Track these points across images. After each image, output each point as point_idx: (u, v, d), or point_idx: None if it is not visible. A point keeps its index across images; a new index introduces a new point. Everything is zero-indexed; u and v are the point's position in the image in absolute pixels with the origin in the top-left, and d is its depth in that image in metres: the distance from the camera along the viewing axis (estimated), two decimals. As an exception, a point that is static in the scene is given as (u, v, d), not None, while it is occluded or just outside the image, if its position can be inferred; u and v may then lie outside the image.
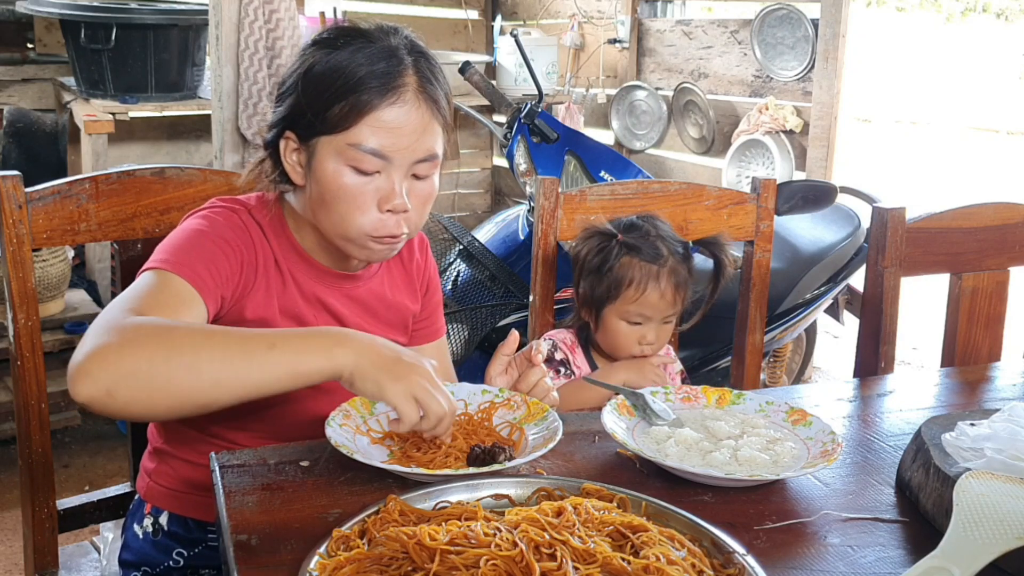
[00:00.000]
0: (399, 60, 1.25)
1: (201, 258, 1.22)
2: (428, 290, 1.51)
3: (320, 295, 1.35)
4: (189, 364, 1.03)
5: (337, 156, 1.24)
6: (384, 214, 1.26)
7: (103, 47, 3.20)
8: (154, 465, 1.43)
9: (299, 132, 1.27)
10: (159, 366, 1.02)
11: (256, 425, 1.35)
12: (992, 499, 1.01)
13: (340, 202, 1.25)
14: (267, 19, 3.00)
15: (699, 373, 2.69)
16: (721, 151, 3.80)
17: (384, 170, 1.25)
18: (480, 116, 3.02)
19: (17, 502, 2.54)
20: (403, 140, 1.24)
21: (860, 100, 8.93)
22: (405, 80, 1.24)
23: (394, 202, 1.25)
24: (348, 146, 1.23)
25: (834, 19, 3.29)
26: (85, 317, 3.08)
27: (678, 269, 1.65)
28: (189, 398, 1.04)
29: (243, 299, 1.28)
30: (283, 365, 1.06)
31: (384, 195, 1.25)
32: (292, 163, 1.30)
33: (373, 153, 1.23)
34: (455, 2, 4.70)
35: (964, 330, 1.85)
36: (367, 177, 1.24)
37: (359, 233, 1.26)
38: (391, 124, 1.23)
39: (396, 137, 1.23)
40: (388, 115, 1.23)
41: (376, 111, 1.22)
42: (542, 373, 1.34)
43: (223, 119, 3.05)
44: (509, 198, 4.81)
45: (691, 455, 1.21)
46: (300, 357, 1.07)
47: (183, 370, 1.03)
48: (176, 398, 1.03)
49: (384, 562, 0.89)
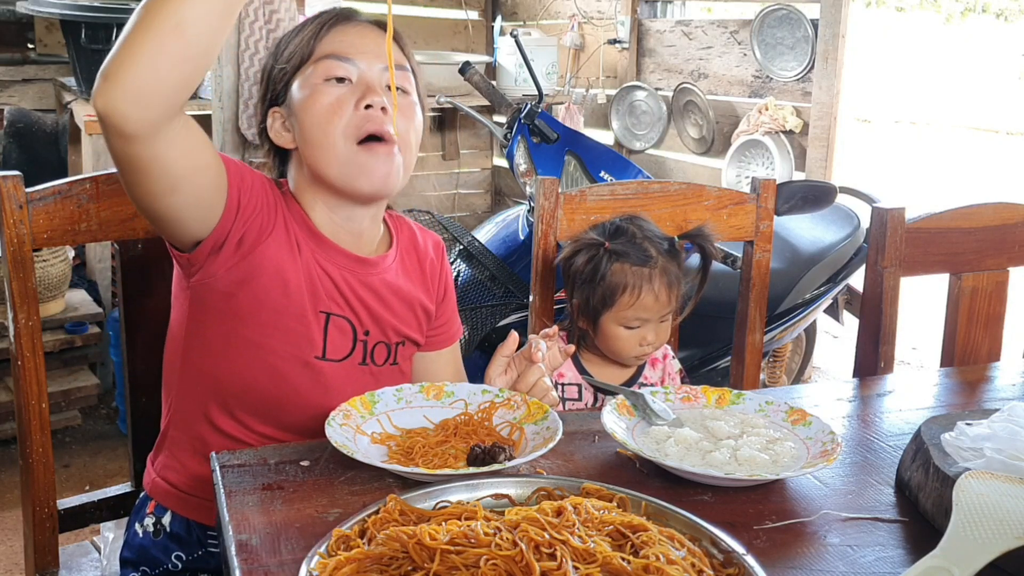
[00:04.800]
0: (355, 11, 1.37)
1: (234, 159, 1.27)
2: (446, 295, 1.51)
3: (333, 276, 1.35)
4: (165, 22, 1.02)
5: (307, 82, 1.31)
6: (362, 111, 1.29)
7: (104, 47, 3.19)
8: (161, 458, 1.42)
9: (276, 98, 1.35)
10: (144, 28, 1.02)
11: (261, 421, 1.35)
12: (992, 499, 1.01)
13: (319, 116, 1.30)
14: (267, 19, 3.00)
15: (699, 373, 2.69)
16: (721, 151, 3.80)
17: (354, 75, 1.31)
18: (480, 116, 3.02)
19: (17, 502, 2.55)
20: (365, 45, 1.32)
21: (860, 100, 8.94)
22: (355, 13, 1.36)
23: (371, 97, 1.29)
24: (315, 64, 1.31)
25: (834, 19, 3.29)
26: (85, 317, 3.08)
27: (668, 268, 1.65)
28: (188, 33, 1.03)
29: (260, 240, 1.29)
30: None
31: (360, 94, 1.30)
32: (279, 131, 1.36)
33: (337, 57, 1.30)
34: (455, 2, 4.70)
35: (964, 330, 1.86)
36: (339, 86, 1.30)
37: (345, 145, 1.29)
38: (350, 36, 1.33)
39: (358, 43, 1.32)
40: (345, 30, 1.35)
41: (334, 30, 1.33)
42: (541, 372, 1.34)
43: (223, 119, 3.05)
44: (509, 198, 4.81)
45: (691, 455, 1.21)
46: None
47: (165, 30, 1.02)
48: (174, 36, 1.02)
49: (384, 562, 0.89)
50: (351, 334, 1.36)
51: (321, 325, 1.34)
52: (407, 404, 1.29)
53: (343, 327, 1.36)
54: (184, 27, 1.03)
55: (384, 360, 1.41)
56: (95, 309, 3.12)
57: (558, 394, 1.38)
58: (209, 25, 1.05)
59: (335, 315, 1.34)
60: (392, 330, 1.41)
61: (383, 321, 1.39)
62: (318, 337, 1.33)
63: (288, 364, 1.32)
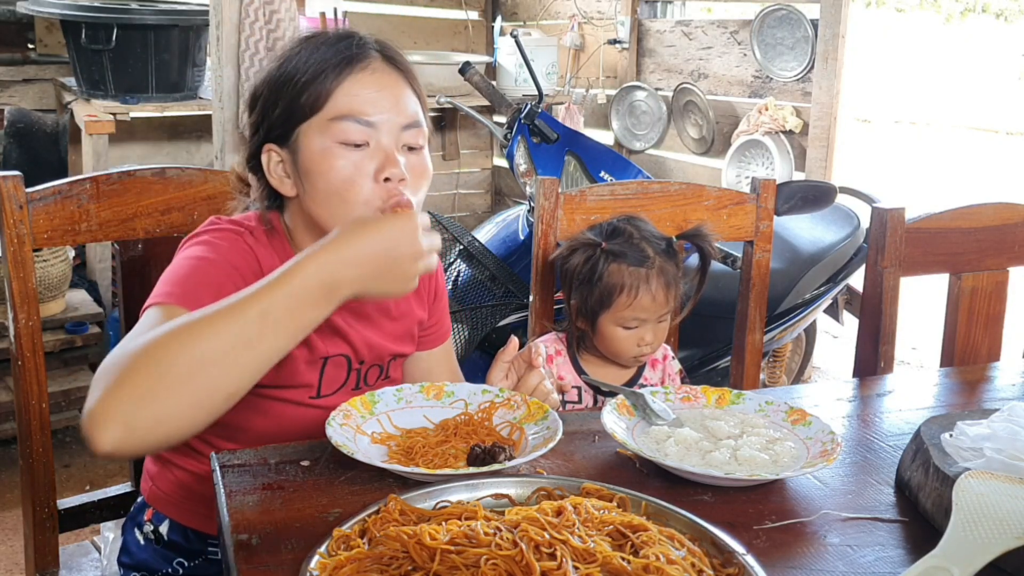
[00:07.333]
0: (359, 38, 1.25)
1: (208, 287, 1.15)
2: (436, 297, 1.49)
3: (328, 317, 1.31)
4: (194, 371, 0.94)
5: (322, 136, 1.21)
6: (383, 184, 1.21)
7: (104, 47, 3.20)
8: (156, 469, 1.42)
9: (276, 138, 1.24)
10: (167, 379, 0.93)
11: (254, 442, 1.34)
12: (992, 499, 1.01)
13: (335, 184, 1.20)
14: (268, 19, 3.00)
15: (699, 373, 2.69)
16: (721, 151, 3.81)
17: (372, 139, 1.21)
18: (480, 116, 3.02)
19: (17, 502, 2.55)
20: (382, 102, 1.22)
21: (860, 100, 8.93)
22: (368, 52, 1.24)
23: (391, 169, 1.20)
24: (330, 122, 1.20)
25: (834, 19, 3.29)
26: (86, 317, 3.09)
27: (666, 268, 1.65)
28: (210, 399, 0.96)
29: None
30: (285, 336, 0.99)
31: (379, 164, 1.20)
32: (279, 175, 1.26)
33: (355, 120, 1.20)
34: (455, 2, 4.70)
35: (963, 330, 1.86)
36: (357, 151, 1.20)
37: (366, 211, 1.20)
38: (366, 88, 1.21)
39: (374, 101, 1.21)
40: (360, 80, 1.22)
41: (348, 79, 1.21)
42: (541, 377, 1.33)
43: (224, 119, 3.05)
44: (509, 198, 4.82)
45: (691, 455, 1.21)
46: (300, 316, 0.99)
47: (191, 378, 0.94)
48: (197, 404, 0.95)
49: (384, 561, 0.89)
50: (346, 367, 1.36)
51: (318, 369, 1.33)
52: (407, 404, 1.29)
53: (339, 363, 1.35)
54: (206, 367, 0.94)
55: (377, 378, 1.41)
56: (95, 309, 3.13)
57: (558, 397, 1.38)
58: (237, 362, 0.96)
59: (331, 357, 1.33)
60: (386, 352, 1.40)
61: (378, 348, 1.38)
62: (315, 381, 1.33)
63: (284, 406, 1.32)
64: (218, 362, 0.95)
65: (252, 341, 0.97)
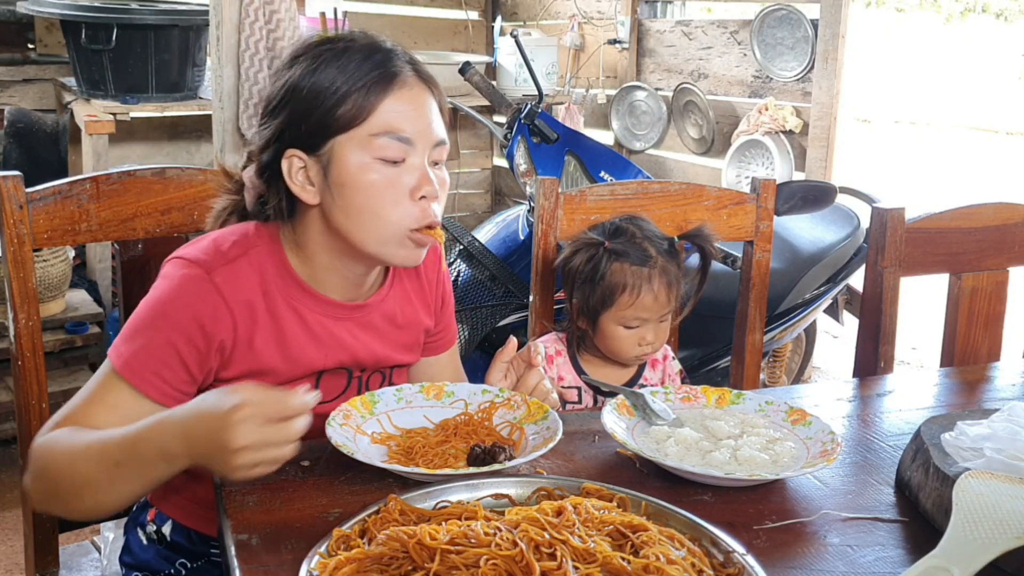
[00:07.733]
0: (389, 49, 1.25)
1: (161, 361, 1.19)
2: (444, 303, 1.48)
3: (330, 329, 1.30)
4: (79, 494, 1.14)
5: (361, 151, 1.20)
6: (418, 202, 1.22)
7: (104, 47, 3.20)
8: None
9: (304, 145, 1.22)
10: (63, 499, 1.17)
11: None
12: (992, 499, 1.01)
13: (372, 200, 1.20)
14: (267, 19, 3.00)
15: (699, 373, 2.69)
16: (721, 151, 3.80)
17: (407, 157, 1.22)
18: (480, 116, 3.02)
19: (17, 502, 2.55)
20: (421, 121, 1.23)
21: (860, 100, 8.93)
22: (401, 66, 1.24)
23: (427, 188, 1.22)
24: (372, 137, 1.20)
25: (834, 19, 3.29)
26: (85, 317, 3.09)
27: (668, 268, 1.65)
28: (98, 508, 1.16)
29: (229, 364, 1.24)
30: (141, 483, 1.12)
31: (415, 183, 1.22)
32: (301, 182, 1.23)
33: (396, 136, 1.20)
34: (455, 2, 4.70)
35: (963, 330, 1.86)
36: (393, 168, 1.21)
37: (398, 230, 1.22)
38: (407, 106, 1.22)
39: (415, 119, 1.22)
40: (401, 97, 1.22)
41: (389, 96, 1.21)
42: (540, 376, 1.33)
43: (224, 119, 3.05)
44: (509, 198, 4.82)
45: (691, 455, 1.21)
46: (148, 471, 1.10)
47: (79, 499, 1.15)
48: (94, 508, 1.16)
49: (384, 561, 0.89)
50: (346, 376, 1.35)
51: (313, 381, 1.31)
52: (407, 404, 1.29)
53: (338, 373, 1.34)
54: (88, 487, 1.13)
55: (379, 384, 1.39)
56: (95, 309, 3.13)
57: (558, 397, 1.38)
58: (109, 490, 1.13)
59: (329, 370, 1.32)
60: (390, 362, 1.39)
61: (382, 357, 1.36)
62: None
63: None
64: (93, 487, 1.13)
65: (114, 483, 1.12)
